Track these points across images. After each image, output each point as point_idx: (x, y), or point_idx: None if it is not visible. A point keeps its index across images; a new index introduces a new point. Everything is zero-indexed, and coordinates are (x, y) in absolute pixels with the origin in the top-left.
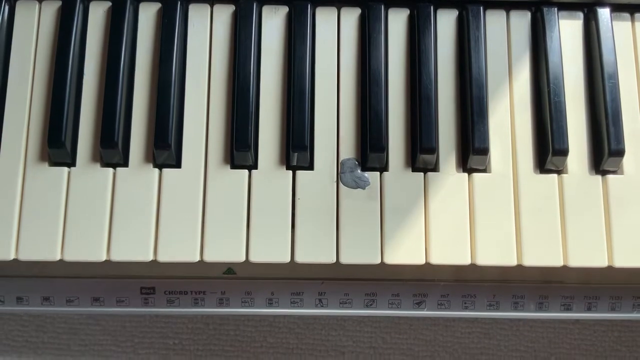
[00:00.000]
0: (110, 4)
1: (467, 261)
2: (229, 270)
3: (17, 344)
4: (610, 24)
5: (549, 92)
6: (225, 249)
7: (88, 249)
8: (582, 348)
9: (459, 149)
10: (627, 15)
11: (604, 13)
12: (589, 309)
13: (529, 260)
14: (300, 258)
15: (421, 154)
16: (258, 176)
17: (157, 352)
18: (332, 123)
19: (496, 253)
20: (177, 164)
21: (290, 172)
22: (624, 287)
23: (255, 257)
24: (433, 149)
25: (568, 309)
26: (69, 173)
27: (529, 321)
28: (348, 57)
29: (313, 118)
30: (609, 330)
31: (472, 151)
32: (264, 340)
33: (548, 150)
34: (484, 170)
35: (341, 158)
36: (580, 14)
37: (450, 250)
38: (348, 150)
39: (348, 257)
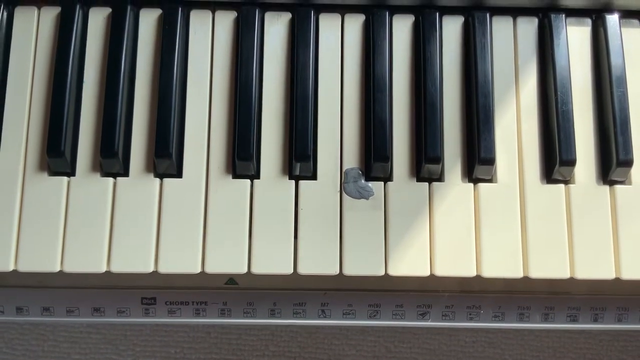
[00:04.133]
0: (110, 10)
1: (472, 273)
2: (230, 280)
3: (17, 352)
4: (618, 31)
5: (556, 100)
6: (227, 260)
7: (88, 260)
8: (587, 357)
9: (465, 159)
10: (636, 21)
11: (612, 19)
12: (595, 320)
13: (536, 272)
14: (303, 269)
15: (426, 164)
16: (260, 186)
17: None
18: (336, 132)
19: (502, 265)
20: (178, 174)
21: (293, 182)
22: (631, 299)
23: (257, 269)
24: (438, 159)
25: (574, 320)
26: (68, 183)
27: (534, 330)
28: (352, 64)
29: (316, 127)
30: (614, 340)
31: (478, 161)
32: (266, 349)
33: (555, 160)
34: (490, 180)
35: (345, 168)
36: (589, 21)
37: (455, 262)
38: (352, 160)
39: (351, 269)
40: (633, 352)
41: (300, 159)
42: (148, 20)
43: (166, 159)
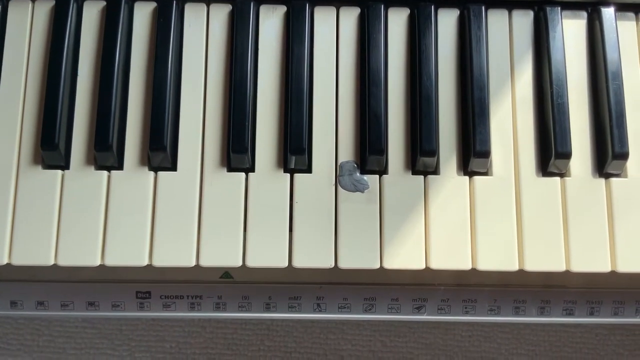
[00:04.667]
0: (104, 3)
1: (467, 266)
2: (226, 274)
3: (12, 347)
4: (614, 24)
5: (551, 93)
6: (222, 254)
7: (82, 253)
8: (583, 352)
9: (460, 152)
10: (631, 14)
11: (608, 12)
12: (591, 314)
13: (531, 265)
14: (298, 263)
15: (421, 157)
16: (255, 179)
17: (153, 356)
18: (331, 125)
19: (497, 258)
20: (173, 167)
21: (288, 175)
22: (627, 292)
23: (252, 262)
24: (433, 152)
25: (570, 313)
26: (62, 176)
27: (530, 324)
28: (347, 57)
29: (311, 120)
30: (610, 334)
31: (473, 154)
32: (262, 344)
33: (550, 153)
34: (485, 173)
35: (340, 161)
36: (584, 14)
37: (450, 255)
38: (347, 153)
39: (347, 262)
40: (629, 346)
41: (295, 152)
42: (142, 13)
43: (161, 152)
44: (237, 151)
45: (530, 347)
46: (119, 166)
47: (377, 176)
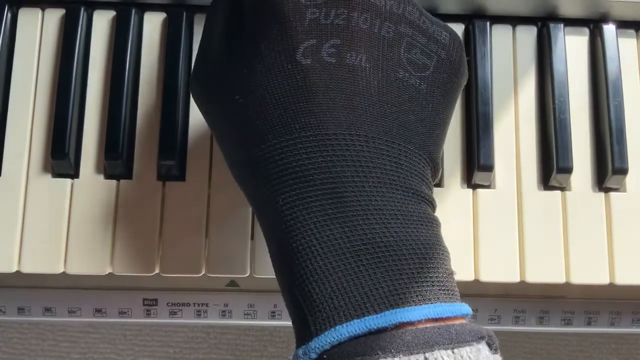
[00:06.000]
0: (114, 13)
1: (470, 278)
2: (231, 282)
3: (16, 351)
4: (615, 41)
5: (554, 108)
6: (230, 264)
7: (91, 262)
8: (579, 359)
9: (464, 165)
10: (632, 32)
11: (609, 30)
12: (589, 324)
13: (532, 277)
14: None
15: None
16: None
17: None
18: None
19: (499, 269)
20: (182, 177)
21: None
22: (624, 303)
23: (259, 272)
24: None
25: (568, 323)
26: (72, 185)
27: (527, 332)
28: None
29: None
30: (606, 343)
31: (478, 168)
32: (265, 350)
33: (552, 167)
34: (488, 186)
35: None
36: (586, 30)
37: (453, 267)
38: None
39: None
40: (624, 354)
41: None
42: (152, 23)
43: (169, 162)
44: None
45: (528, 355)
46: (128, 175)
47: None
